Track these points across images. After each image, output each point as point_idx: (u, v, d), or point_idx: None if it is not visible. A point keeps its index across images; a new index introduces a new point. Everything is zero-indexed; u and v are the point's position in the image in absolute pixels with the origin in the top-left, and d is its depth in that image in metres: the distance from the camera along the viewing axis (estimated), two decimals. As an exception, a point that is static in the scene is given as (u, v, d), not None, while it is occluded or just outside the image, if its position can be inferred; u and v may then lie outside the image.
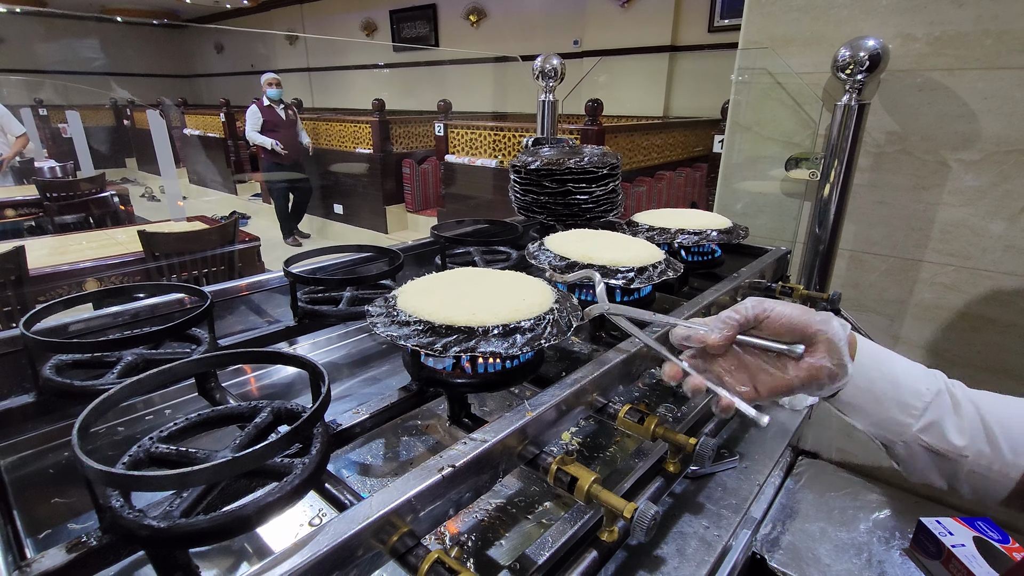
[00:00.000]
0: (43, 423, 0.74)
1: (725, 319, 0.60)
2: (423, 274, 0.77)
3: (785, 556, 1.16)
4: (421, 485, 0.46)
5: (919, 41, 1.16)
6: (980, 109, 1.12)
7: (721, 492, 1.00)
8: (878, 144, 1.24)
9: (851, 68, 1.14)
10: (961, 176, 1.16)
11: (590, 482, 0.54)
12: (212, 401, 0.69)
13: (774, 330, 0.59)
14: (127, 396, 0.50)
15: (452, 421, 0.68)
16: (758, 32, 1.34)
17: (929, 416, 0.57)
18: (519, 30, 7.51)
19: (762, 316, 0.60)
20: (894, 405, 0.58)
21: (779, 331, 0.59)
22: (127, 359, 0.68)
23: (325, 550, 0.39)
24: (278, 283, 1.04)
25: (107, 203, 3.90)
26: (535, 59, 1.62)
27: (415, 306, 0.64)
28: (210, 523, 0.42)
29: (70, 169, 4.77)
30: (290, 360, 0.55)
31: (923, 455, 0.59)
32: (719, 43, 5.95)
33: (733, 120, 1.46)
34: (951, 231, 1.20)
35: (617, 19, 6.55)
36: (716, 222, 1.13)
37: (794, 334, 0.59)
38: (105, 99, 9.39)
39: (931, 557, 1.12)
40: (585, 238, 0.97)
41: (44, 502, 0.69)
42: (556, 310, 0.67)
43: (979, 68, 1.10)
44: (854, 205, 1.28)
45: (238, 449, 0.50)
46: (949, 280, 1.22)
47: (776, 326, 0.59)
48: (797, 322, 0.58)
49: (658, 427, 0.64)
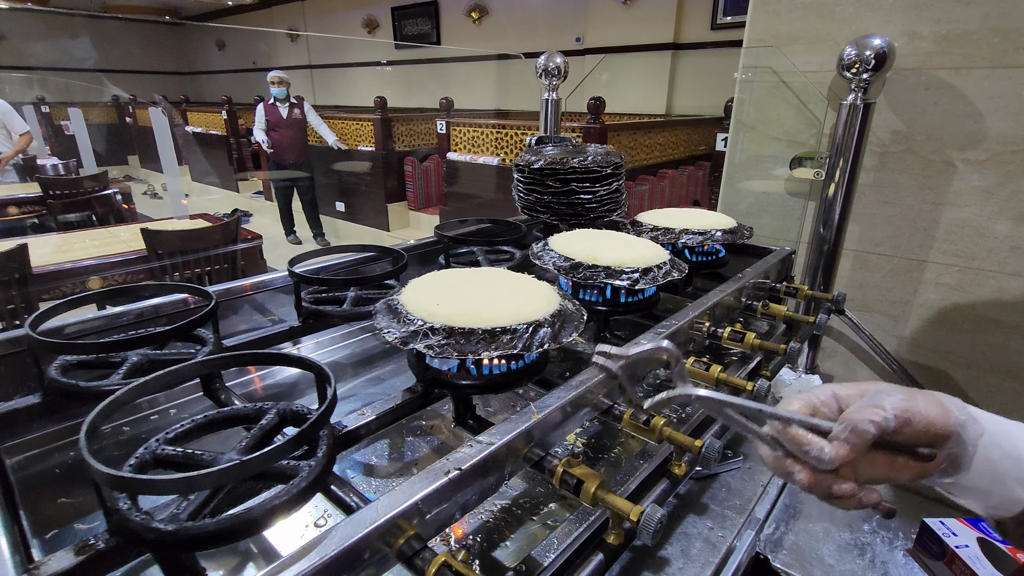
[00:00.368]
0: (48, 423, 0.74)
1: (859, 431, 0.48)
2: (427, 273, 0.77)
3: (788, 556, 1.16)
4: (428, 488, 0.46)
5: (925, 39, 1.15)
6: (987, 108, 1.11)
7: (725, 493, 1.00)
8: (883, 143, 1.23)
9: (857, 67, 1.14)
10: (967, 176, 1.16)
11: (596, 485, 0.54)
12: (217, 402, 0.69)
13: (912, 437, 0.50)
14: (134, 397, 0.50)
15: (457, 422, 0.68)
16: (763, 30, 1.34)
17: None
18: (521, 27, 7.49)
19: (904, 426, 0.49)
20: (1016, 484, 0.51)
21: (915, 439, 0.50)
22: (132, 360, 0.68)
23: (333, 553, 0.39)
24: (281, 283, 1.04)
25: (110, 201, 3.90)
26: (539, 57, 1.62)
27: (420, 307, 0.64)
28: (217, 526, 0.42)
29: (73, 167, 4.77)
30: (296, 362, 0.55)
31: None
32: (722, 41, 5.93)
33: (737, 119, 1.46)
34: (956, 231, 1.19)
35: (619, 16, 6.53)
36: (720, 222, 1.13)
37: (934, 439, 0.50)
38: (107, 96, 9.40)
39: (935, 558, 1.12)
40: (589, 238, 0.96)
41: (50, 503, 0.69)
42: (561, 312, 0.67)
43: (986, 67, 1.10)
44: (859, 205, 1.27)
45: (244, 451, 0.50)
46: (954, 281, 1.21)
47: (915, 435, 0.50)
48: (938, 428, 0.49)
49: (664, 428, 0.64)
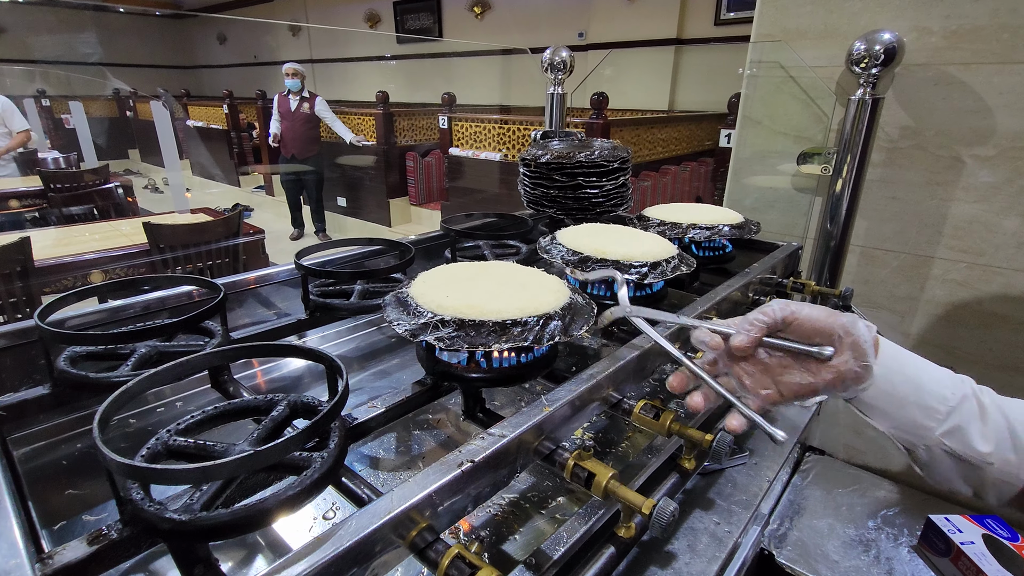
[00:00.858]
0: (55, 415, 0.74)
1: (752, 320, 0.59)
2: (434, 267, 0.77)
3: (793, 552, 1.16)
4: (441, 480, 0.46)
5: (935, 35, 1.14)
6: (996, 104, 1.11)
7: (731, 488, 1.00)
8: (891, 139, 1.23)
9: (866, 62, 1.13)
10: (975, 172, 1.15)
11: (608, 478, 0.54)
12: (226, 394, 0.69)
13: (801, 332, 0.59)
14: (146, 388, 0.50)
15: (467, 416, 0.67)
16: (771, 25, 1.33)
17: (953, 421, 0.57)
18: (524, 22, 7.47)
19: (790, 319, 0.59)
20: (916, 408, 0.57)
21: (806, 333, 0.59)
22: (141, 351, 0.68)
23: (348, 544, 0.39)
24: (287, 276, 1.04)
25: (111, 194, 3.89)
26: (544, 51, 1.61)
27: (430, 299, 0.64)
28: (231, 516, 0.42)
29: (73, 160, 4.77)
30: (307, 354, 0.55)
31: (946, 460, 0.58)
32: (726, 36, 5.91)
33: (744, 114, 1.45)
34: (964, 227, 1.19)
35: (622, 11, 6.51)
36: (728, 217, 1.13)
37: (821, 336, 0.58)
38: (108, 90, 9.38)
39: (940, 554, 1.12)
40: (597, 232, 0.96)
41: (58, 494, 0.69)
42: (571, 304, 0.67)
43: (995, 63, 1.09)
44: (866, 201, 1.27)
45: (256, 442, 0.50)
46: (961, 277, 1.21)
47: (803, 329, 0.59)
48: (824, 324, 0.58)
49: (674, 423, 0.64)
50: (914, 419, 0.58)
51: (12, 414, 0.63)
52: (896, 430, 0.60)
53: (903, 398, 0.58)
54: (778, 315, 0.59)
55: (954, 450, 0.57)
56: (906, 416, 0.58)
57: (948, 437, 0.57)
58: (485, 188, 4.97)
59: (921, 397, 0.57)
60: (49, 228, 3.32)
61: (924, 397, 0.57)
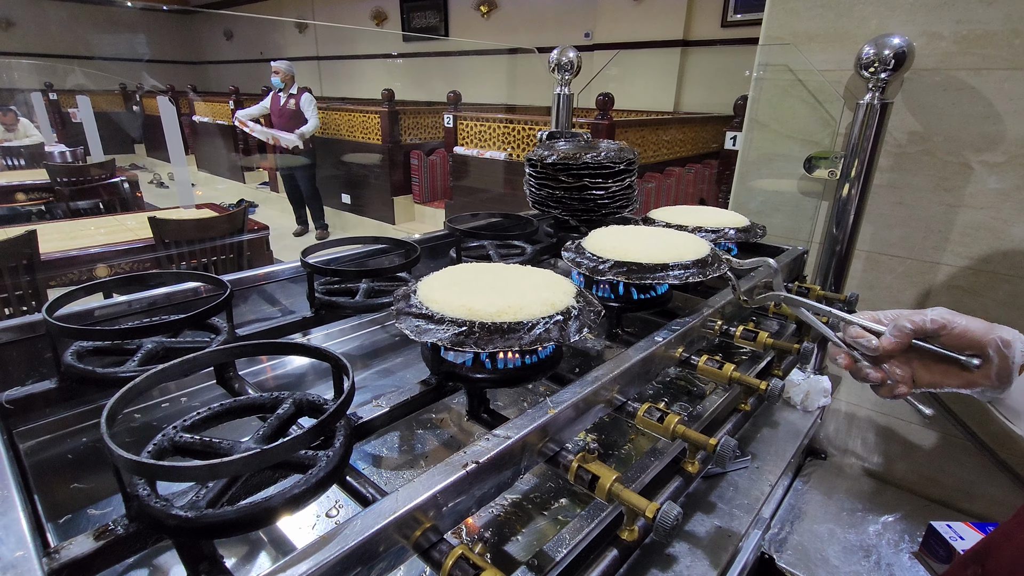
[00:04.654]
0: (61, 408, 0.74)
1: (901, 327, 0.64)
2: (439, 266, 0.77)
3: (793, 556, 1.16)
4: (446, 480, 0.46)
5: (945, 39, 1.14)
6: (1006, 110, 1.10)
7: (733, 491, 1.00)
8: (899, 144, 1.22)
9: (875, 66, 1.13)
10: (984, 178, 1.15)
11: (612, 480, 0.54)
12: (231, 390, 0.69)
13: (953, 341, 0.63)
14: (153, 384, 0.50)
15: (471, 416, 0.67)
16: (780, 28, 1.33)
17: None
18: (530, 22, 7.46)
19: (943, 330, 0.63)
20: None
21: (957, 342, 0.62)
22: (147, 347, 0.68)
23: (354, 543, 0.39)
24: (292, 273, 1.04)
25: (117, 189, 3.91)
26: (551, 51, 1.61)
27: (438, 299, 0.64)
28: (237, 514, 0.42)
29: (80, 154, 4.78)
30: (313, 352, 0.55)
31: None
32: (732, 38, 5.89)
33: (751, 117, 1.45)
34: (971, 234, 1.18)
35: (629, 12, 6.50)
36: (734, 220, 1.12)
37: (973, 347, 0.62)
38: (114, 84, 9.40)
39: (941, 561, 1.12)
40: (623, 236, 0.93)
41: (63, 488, 0.70)
42: (578, 306, 0.67)
43: (1007, 68, 1.08)
44: (872, 206, 1.26)
45: (262, 440, 0.50)
46: (967, 284, 1.20)
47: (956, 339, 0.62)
48: (979, 337, 0.61)
49: (678, 426, 0.64)
50: None
51: (19, 408, 0.63)
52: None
53: None
54: (929, 326, 0.63)
55: None
56: None
57: None
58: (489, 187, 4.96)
59: None
60: (55, 222, 3.34)
61: None
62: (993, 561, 0.53)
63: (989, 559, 0.54)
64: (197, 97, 8.32)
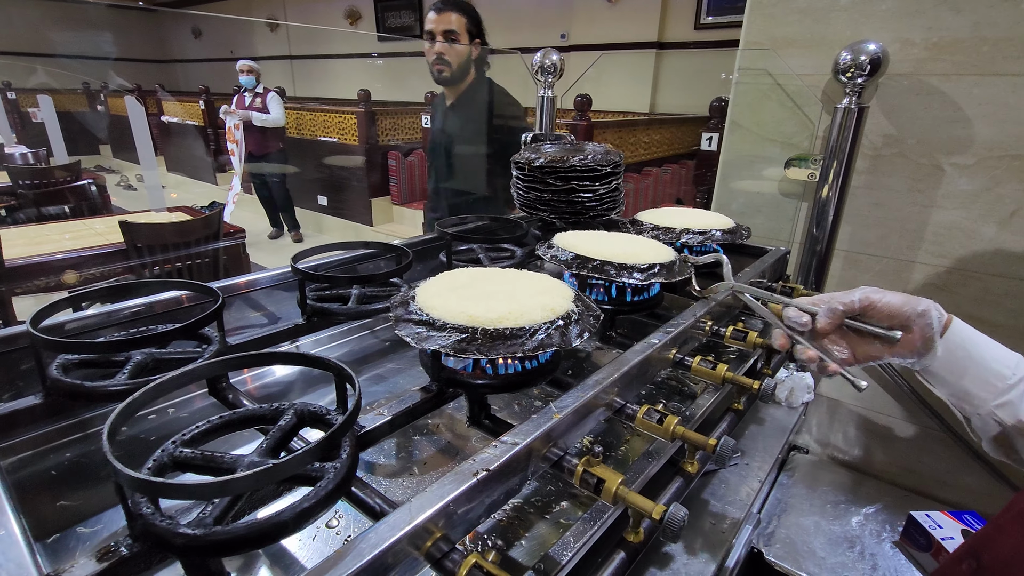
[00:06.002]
0: (44, 424, 0.72)
1: (833, 308, 0.71)
2: (428, 270, 0.76)
3: (782, 550, 1.19)
4: (458, 489, 0.46)
5: (917, 46, 1.18)
6: (975, 114, 1.15)
7: (724, 488, 1.01)
8: (875, 147, 1.26)
9: (852, 71, 1.16)
10: (955, 180, 1.19)
11: (617, 484, 0.54)
12: (225, 401, 0.68)
13: (878, 316, 0.70)
14: (152, 398, 0.49)
15: (472, 422, 0.67)
16: (759, 33, 1.36)
17: (1008, 396, 0.66)
18: (505, 22, 7.46)
19: (869, 308, 0.70)
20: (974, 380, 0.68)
21: (882, 317, 0.70)
22: (136, 359, 0.66)
23: (370, 557, 0.39)
24: (279, 280, 1.02)
25: (85, 192, 3.78)
26: (532, 53, 1.61)
27: (437, 305, 0.64)
28: (248, 530, 0.41)
29: (43, 156, 4.61)
30: (315, 362, 0.55)
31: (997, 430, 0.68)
32: (705, 40, 6.00)
33: (732, 119, 1.48)
34: (944, 233, 1.23)
35: (604, 14, 6.55)
36: (719, 222, 1.15)
37: (896, 319, 0.69)
38: (77, 83, 9.08)
39: (921, 550, 1.15)
40: (598, 238, 0.96)
41: (49, 506, 0.67)
42: (578, 310, 0.67)
43: (975, 74, 1.13)
44: (850, 206, 1.30)
45: (266, 453, 0.49)
46: (941, 282, 1.25)
47: (880, 313, 0.70)
48: (899, 311, 0.69)
49: (678, 427, 0.65)
50: (970, 390, 0.68)
51: (2, 425, 0.61)
52: (953, 397, 0.71)
53: (963, 372, 0.68)
54: (857, 305, 0.71)
55: (1004, 420, 0.67)
56: (964, 387, 0.69)
57: (1001, 409, 0.67)
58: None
59: (981, 373, 0.68)
60: (19, 227, 3.21)
61: (984, 373, 0.67)
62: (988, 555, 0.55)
63: (984, 553, 0.56)
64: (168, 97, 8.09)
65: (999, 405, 0.67)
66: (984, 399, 0.68)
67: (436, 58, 2.04)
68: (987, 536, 0.57)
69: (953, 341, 0.69)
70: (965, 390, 0.69)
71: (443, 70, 2.05)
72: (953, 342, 0.69)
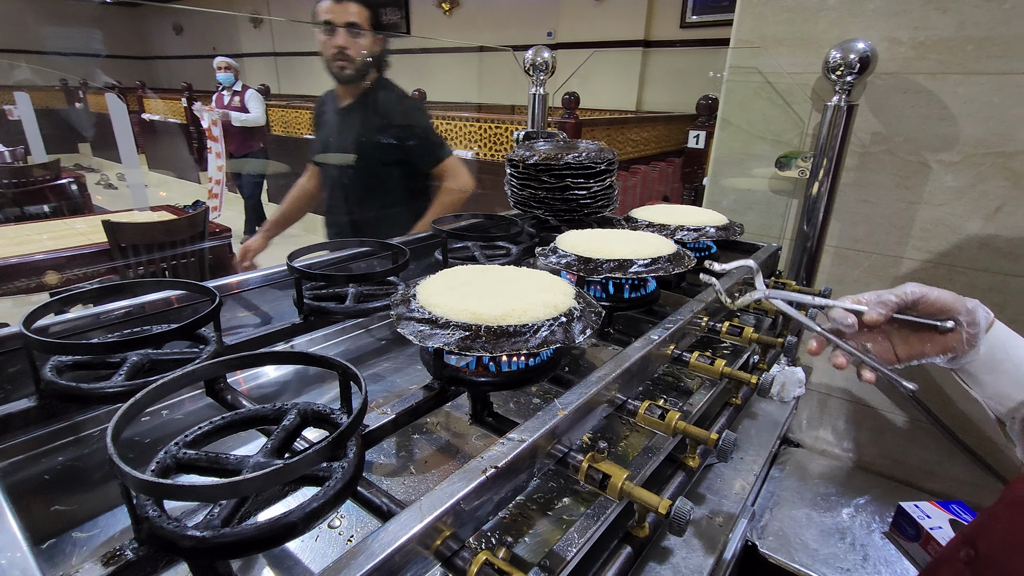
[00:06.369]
0: (37, 428, 0.70)
1: (884, 300, 0.71)
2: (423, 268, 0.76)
3: (775, 542, 1.21)
4: (468, 487, 0.45)
5: (904, 45, 1.20)
6: (960, 113, 1.17)
7: (720, 483, 1.02)
8: (863, 144, 1.28)
9: (841, 70, 1.18)
10: (941, 177, 1.21)
11: (623, 479, 0.55)
12: (223, 402, 0.67)
13: (926, 310, 0.71)
14: (154, 399, 0.48)
15: (474, 420, 0.67)
16: (750, 31, 1.37)
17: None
18: (493, 20, 7.45)
19: (920, 300, 0.71)
20: (1012, 383, 0.68)
21: (931, 311, 0.71)
22: (132, 360, 0.65)
23: (383, 556, 0.39)
24: (274, 279, 1.01)
25: (65, 191, 3.70)
26: (522, 50, 1.61)
27: (439, 303, 0.64)
28: (257, 531, 0.40)
29: (20, 154, 4.50)
30: (319, 361, 0.54)
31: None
32: (691, 39, 6.04)
33: (723, 117, 1.49)
34: (930, 229, 1.25)
35: (591, 12, 6.57)
36: (713, 219, 1.16)
37: (945, 313, 0.70)
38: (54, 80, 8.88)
39: (910, 539, 1.18)
40: (596, 237, 0.96)
41: (43, 511, 0.66)
42: (580, 307, 0.67)
43: (960, 73, 1.15)
44: (839, 203, 1.32)
45: (271, 453, 0.49)
46: (927, 276, 1.27)
47: (929, 307, 0.71)
48: (951, 306, 0.70)
49: (679, 423, 0.65)
50: (1008, 392, 0.68)
51: (-5, 429, 0.59)
52: (988, 399, 0.71)
53: (1002, 373, 0.69)
54: (909, 298, 0.71)
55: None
56: (1001, 389, 0.69)
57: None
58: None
59: (1018, 374, 0.68)
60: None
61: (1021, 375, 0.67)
62: (984, 543, 0.57)
63: (980, 541, 0.58)
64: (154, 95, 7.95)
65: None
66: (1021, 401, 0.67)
67: (337, 53, 1.78)
68: (982, 524, 0.59)
69: (992, 342, 0.69)
70: (1002, 392, 0.69)
71: (346, 67, 1.80)
72: (993, 343, 0.69)
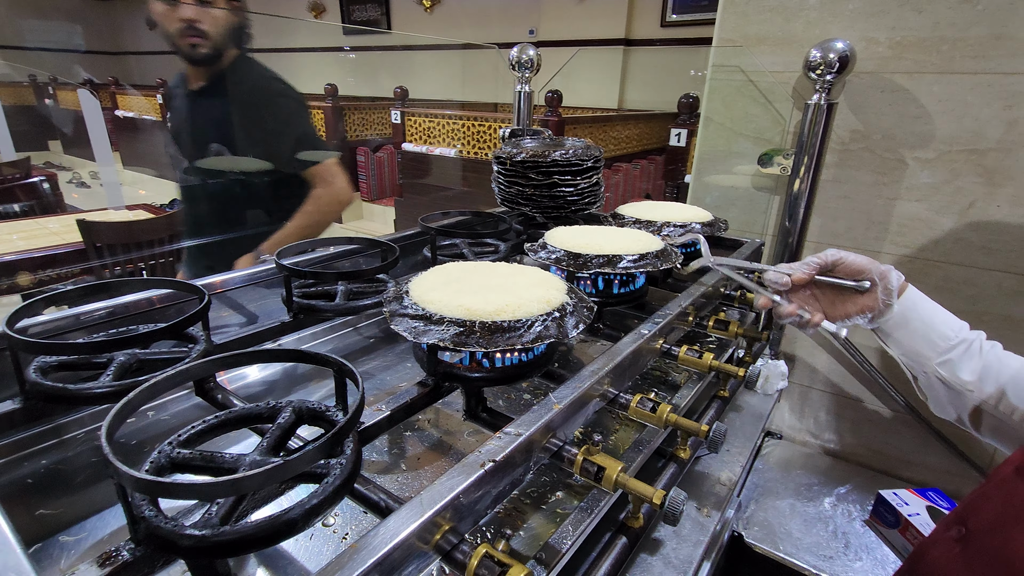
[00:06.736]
0: (21, 430, 0.68)
1: (808, 262, 0.82)
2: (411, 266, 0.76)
3: (760, 532, 1.23)
4: (467, 481, 0.46)
5: (882, 45, 1.23)
6: (935, 111, 1.20)
7: (707, 474, 1.04)
8: (843, 142, 1.31)
9: (821, 68, 1.20)
10: (917, 173, 1.25)
11: (618, 471, 0.56)
12: (214, 402, 0.66)
13: (846, 272, 0.80)
14: (147, 399, 0.47)
15: (468, 416, 0.67)
16: (732, 31, 1.39)
17: (949, 355, 0.75)
18: (474, 17, 7.43)
19: (838, 262, 0.81)
20: (922, 340, 0.77)
21: (850, 273, 0.80)
22: (119, 360, 0.64)
23: (384, 551, 0.39)
24: (263, 277, 1.00)
25: (36, 189, 3.60)
26: (511, 48, 1.61)
27: (432, 300, 0.64)
28: (257, 529, 0.40)
29: (-12, 152, 4.36)
30: (316, 359, 0.54)
31: (938, 387, 0.77)
32: (672, 38, 6.09)
33: (706, 115, 1.51)
34: (907, 224, 1.28)
35: (572, 10, 6.58)
36: (698, 215, 1.17)
37: (861, 275, 0.79)
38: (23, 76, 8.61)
39: (890, 526, 1.21)
40: (585, 233, 0.97)
41: (27, 515, 0.64)
42: (572, 302, 0.68)
43: (935, 72, 1.18)
44: (820, 199, 1.35)
45: (267, 451, 0.49)
46: (905, 270, 1.28)
47: (848, 269, 0.80)
48: (865, 267, 0.79)
49: (671, 415, 0.67)
50: (918, 349, 0.77)
51: (-22, 432, 0.58)
52: (904, 356, 0.80)
53: (913, 331, 0.77)
54: (828, 259, 0.81)
55: (944, 377, 0.75)
56: (913, 345, 0.78)
57: (942, 367, 0.75)
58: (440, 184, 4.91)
59: (928, 333, 0.76)
60: (-35, 226, 3.03)
61: (931, 333, 0.76)
62: (974, 520, 0.59)
63: (970, 519, 0.60)
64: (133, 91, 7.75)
65: (941, 363, 0.75)
66: (929, 357, 0.76)
67: (186, 27, 1.46)
68: (972, 504, 0.61)
69: (906, 304, 0.78)
70: (914, 349, 0.77)
71: (199, 44, 1.48)
72: (906, 304, 0.78)
